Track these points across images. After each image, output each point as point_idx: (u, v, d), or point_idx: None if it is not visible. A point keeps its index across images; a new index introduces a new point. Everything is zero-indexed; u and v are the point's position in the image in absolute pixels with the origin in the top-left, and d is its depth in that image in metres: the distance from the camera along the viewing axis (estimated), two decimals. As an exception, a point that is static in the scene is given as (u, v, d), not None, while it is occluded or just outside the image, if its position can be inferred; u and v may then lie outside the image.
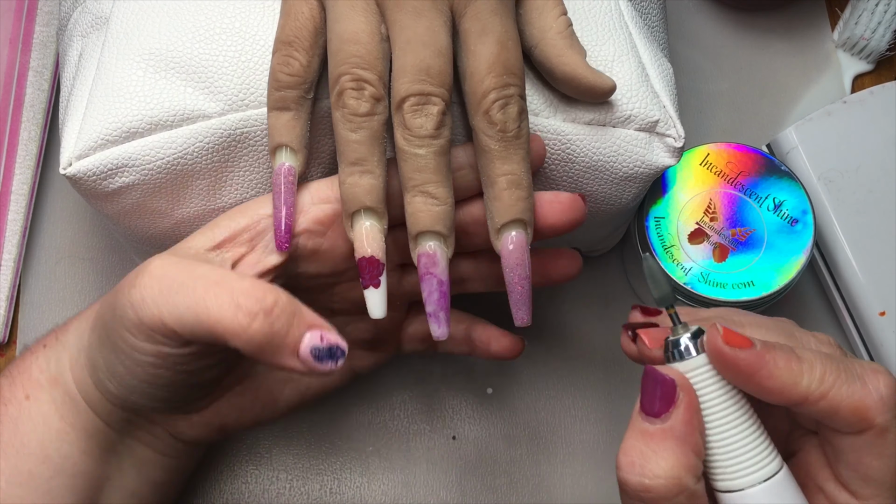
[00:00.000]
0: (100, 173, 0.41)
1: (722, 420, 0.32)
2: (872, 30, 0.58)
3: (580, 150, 0.43)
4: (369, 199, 0.38)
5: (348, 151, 0.38)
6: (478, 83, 0.38)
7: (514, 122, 0.38)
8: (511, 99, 0.38)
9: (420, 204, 0.38)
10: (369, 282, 0.38)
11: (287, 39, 0.39)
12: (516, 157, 0.39)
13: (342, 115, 0.38)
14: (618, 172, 0.44)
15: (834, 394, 0.32)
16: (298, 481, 0.53)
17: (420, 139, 0.38)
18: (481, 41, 0.38)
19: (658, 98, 0.44)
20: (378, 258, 0.38)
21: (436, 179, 0.38)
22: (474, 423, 0.54)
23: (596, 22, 0.44)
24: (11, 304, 0.55)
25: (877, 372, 0.33)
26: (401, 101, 0.38)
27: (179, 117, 0.41)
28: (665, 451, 0.32)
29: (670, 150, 0.44)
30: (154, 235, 0.45)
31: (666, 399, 0.32)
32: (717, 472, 0.33)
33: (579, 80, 0.41)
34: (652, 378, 0.33)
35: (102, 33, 0.43)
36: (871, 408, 0.32)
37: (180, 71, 0.41)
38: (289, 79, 0.39)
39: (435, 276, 0.39)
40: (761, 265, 0.48)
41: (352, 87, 0.38)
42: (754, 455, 0.32)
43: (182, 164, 0.41)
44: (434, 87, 0.38)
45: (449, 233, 0.39)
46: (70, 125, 0.42)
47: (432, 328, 0.39)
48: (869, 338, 0.53)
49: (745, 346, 0.32)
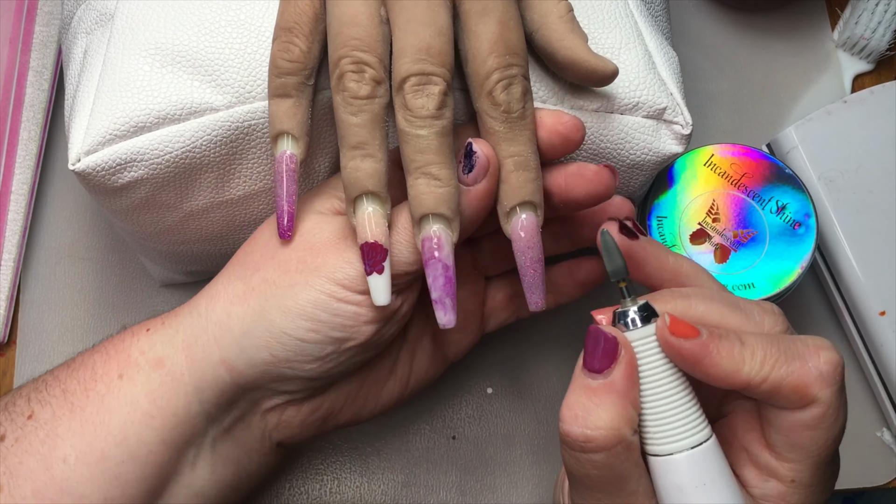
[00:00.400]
0: (108, 168, 0.41)
1: (658, 387, 0.34)
2: (872, 29, 0.58)
3: (588, 137, 0.43)
4: (371, 184, 0.38)
5: (349, 135, 0.38)
6: (480, 64, 0.38)
7: (518, 102, 0.38)
8: (514, 79, 0.38)
9: (423, 186, 0.37)
10: (372, 268, 0.38)
11: (287, 25, 0.39)
12: (522, 137, 0.38)
13: (342, 98, 0.37)
14: (625, 160, 0.44)
15: (774, 376, 0.33)
16: (298, 481, 0.53)
17: (422, 119, 0.37)
18: (482, 21, 0.38)
19: (665, 85, 0.44)
20: (381, 243, 0.38)
21: (438, 161, 0.37)
22: (474, 423, 0.54)
23: (602, 10, 0.44)
24: (11, 304, 0.54)
25: (819, 348, 0.34)
26: (402, 82, 0.37)
27: (187, 111, 0.41)
28: (606, 405, 0.33)
29: (678, 138, 0.44)
30: (162, 230, 0.45)
31: (608, 355, 0.34)
32: (648, 436, 0.34)
33: (581, 63, 0.40)
34: (595, 336, 0.34)
35: (108, 29, 0.43)
36: (811, 385, 0.33)
37: (187, 65, 0.41)
38: (289, 65, 0.39)
39: (440, 260, 0.38)
40: (762, 268, 0.48)
41: (352, 69, 0.37)
42: (685, 423, 0.34)
43: (190, 157, 0.41)
44: (435, 67, 0.37)
45: (453, 216, 0.38)
46: (77, 121, 0.42)
47: (438, 315, 0.38)
48: (869, 338, 0.53)
49: (691, 336, 0.33)
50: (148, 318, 0.50)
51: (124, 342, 0.41)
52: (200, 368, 0.40)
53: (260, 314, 0.39)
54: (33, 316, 0.55)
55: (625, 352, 0.34)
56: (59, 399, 0.40)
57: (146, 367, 0.40)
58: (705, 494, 0.34)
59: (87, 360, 0.41)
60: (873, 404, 0.55)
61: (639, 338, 0.35)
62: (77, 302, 0.55)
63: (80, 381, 0.40)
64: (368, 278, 0.38)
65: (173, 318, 0.42)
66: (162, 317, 0.42)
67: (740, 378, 0.33)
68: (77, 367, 0.41)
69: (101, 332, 0.54)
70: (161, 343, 0.41)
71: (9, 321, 0.54)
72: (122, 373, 0.40)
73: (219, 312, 0.40)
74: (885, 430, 0.54)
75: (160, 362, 0.40)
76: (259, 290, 0.40)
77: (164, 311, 0.54)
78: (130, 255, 0.56)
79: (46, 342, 0.54)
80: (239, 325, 0.40)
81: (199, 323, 0.41)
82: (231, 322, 0.40)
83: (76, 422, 0.39)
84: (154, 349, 0.41)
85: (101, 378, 0.40)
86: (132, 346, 0.41)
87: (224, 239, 0.47)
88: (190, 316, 0.41)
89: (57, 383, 0.41)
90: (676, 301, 0.36)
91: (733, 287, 0.48)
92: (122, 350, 0.41)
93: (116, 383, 0.40)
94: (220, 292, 0.41)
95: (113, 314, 0.55)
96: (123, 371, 0.40)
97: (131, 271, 0.56)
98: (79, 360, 0.42)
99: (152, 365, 0.40)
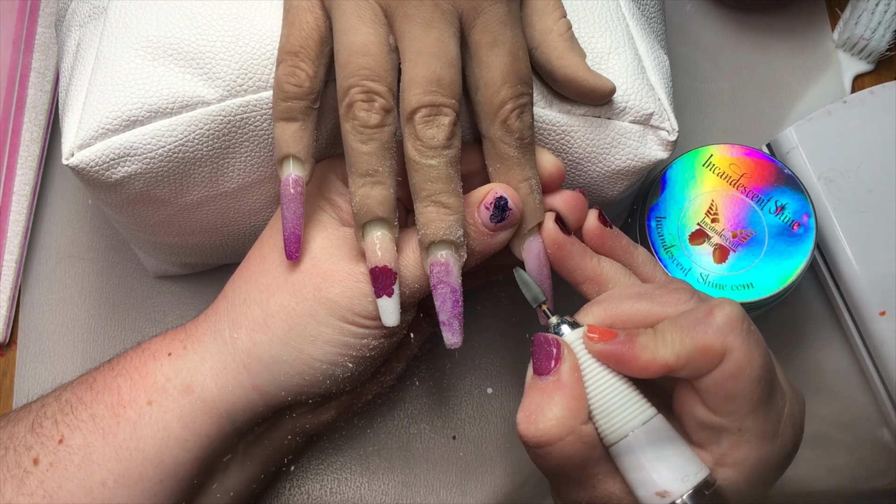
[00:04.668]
0: (102, 163, 0.41)
1: (597, 382, 0.37)
2: (872, 30, 0.58)
3: (574, 141, 0.43)
4: (381, 210, 0.39)
5: (359, 163, 0.38)
6: (494, 94, 0.39)
7: (529, 129, 0.40)
8: (525, 108, 0.39)
9: (433, 214, 0.39)
10: (383, 291, 0.39)
11: (292, 49, 0.39)
12: (532, 161, 0.40)
13: (352, 126, 0.38)
14: (610, 165, 0.44)
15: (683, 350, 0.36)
16: (298, 481, 0.53)
17: (432, 150, 0.38)
18: (493, 53, 0.39)
19: (653, 91, 0.44)
20: (391, 267, 0.39)
21: (448, 189, 0.39)
22: (474, 423, 0.54)
23: (593, 13, 0.44)
24: (13, 305, 0.55)
25: (713, 307, 0.36)
26: (412, 113, 0.38)
27: (179, 104, 0.41)
28: (555, 401, 0.37)
29: (663, 144, 0.44)
30: (157, 222, 0.45)
31: (553, 357, 0.38)
32: (602, 428, 0.37)
33: (580, 82, 0.41)
34: (540, 342, 0.38)
35: (101, 22, 0.44)
36: (715, 342, 0.36)
37: (178, 58, 0.41)
38: (295, 90, 0.39)
39: (448, 284, 0.39)
40: (761, 268, 0.48)
41: (362, 98, 0.38)
42: (628, 407, 0.37)
43: (183, 151, 0.41)
44: (445, 98, 0.38)
45: (461, 241, 0.39)
46: (70, 115, 0.42)
47: (446, 337, 0.40)
48: (869, 338, 0.53)
49: (610, 339, 0.37)
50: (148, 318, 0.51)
51: (146, 366, 0.42)
52: (233, 394, 0.41)
53: (286, 343, 0.41)
54: (34, 316, 0.55)
55: (567, 351, 0.38)
56: (89, 424, 0.41)
57: (175, 394, 0.41)
58: (663, 465, 0.36)
59: (112, 385, 0.42)
60: (873, 404, 0.55)
61: (571, 340, 0.38)
62: (77, 302, 0.55)
63: (107, 407, 0.41)
64: (378, 301, 0.39)
65: (196, 342, 0.42)
66: (181, 337, 0.43)
67: (658, 365, 0.36)
68: (101, 390, 0.42)
69: (101, 333, 0.55)
70: (187, 370, 0.42)
71: (10, 321, 0.54)
72: (150, 399, 0.41)
73: (245, 340, 0.41)
74: (886, 430, 0.54)
75: (189, 389, 0.41)
76: (279, 319, 0.41)
77: (164, 310, 0.55)
78: (130, 255, 0.56)
79: (47, 342, 0.55)
80: (267, 353, 0.41)
81: (227, 350, 0.42)
82: (259, 351, 0.41)
83: (110, 448, 0.41)
84: (180, 376, 0.42)
85: (130, 404, 0.41)
86: (157, 372, 0.42)
87: (219, 231, 0.47)
88: (215, 342, 0.42)
89: (83, 407, 0.42)
90: (593, 309, 0.39)
91: (732, 287, 0.48)
92: (147, 375, 0.42)
93: (146, 409, 0.41)
94: (240, 318, 0.42)
95: (113, 314, 0.55)
96: (152, 398, 0.41)
97: (131, 271, 0.56)
98: (101, 383, 0.42)
99: (181, 391, 0.41)
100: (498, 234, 0.40)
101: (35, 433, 0.41)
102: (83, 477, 0.40)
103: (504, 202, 0.39)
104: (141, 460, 0.41)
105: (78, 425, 0.41)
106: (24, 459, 0.41)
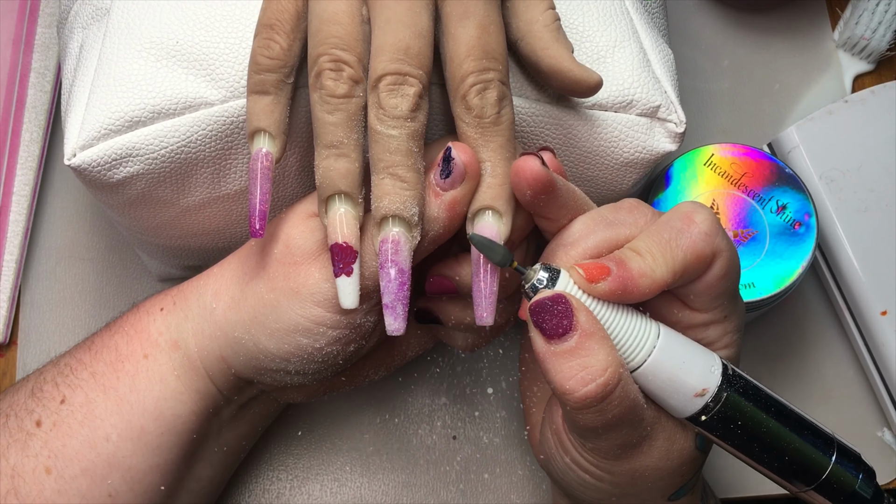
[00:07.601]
0: (104, 163, 0.41)
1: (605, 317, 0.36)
2: (873, 30, 0.58)
3: (581, 135, 0.43)
4: (344, 184, 0.37)
5: (324, 134, 0.37)
6: (456, 67, 0.38)
7: (492, 107, 0.38)
8: (490, 83, 0.37)
9: (388, 186, 0.37)
10: (342, 270, 0.37)
11: (268, 22, 0.38)
12: (493, 143, 0.38)
13: (319, 96, 0.37)
14: (619, 158, 0.44)
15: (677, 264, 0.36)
16: (298, 481, 0.53)
17: (394, 119, 0.37)
18: (462, 24, 0.38)
19: (659, 83, 0.44)
20: (352, 245, 0.37)
21: (406, 164, 0.37)
22: (474, 423, 0.54)
23: (598, 8, 0.44)
24: (12, 305, 0.55)
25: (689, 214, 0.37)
26: (377, 80, 0.37)
27: (182, 105, 0.41)
28: (594, 350, 0.35)
29: (671, 136, 0.44)
30: (159, 224, 0.45)
31: (566, 313, 0.35)
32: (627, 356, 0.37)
33: (565, 73, 0.40)
34: (542, 306, 0.35)
35: (103, 24, 0.44)
36: (705, 247, 0.36)
37: (181, 59, 0.41)
38: (269, 62, 0.38)
39: (396, 263, 0.37)
40: (762, 267, 0.48)
41: (330, 67, 0.37)
42: (640, 327, 0.37)
43: (186, 152, 0.41)
44: (412, 68, 0.37)
45: (415, 221, 0.37)
46: (73, 116, 0.42)
47: (387, 321, 0.37)
48: (870, 337, 0.53)
49: (605, 275, 0.36)
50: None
51: (141, 322, 0.43)
52: (208, 358, 0.42)
53: (248, 329, 0.41)
54: (34, 316, 0.55)
55: (574, 301, 0.36)
56: (90, 382, 0.42)
57: (167, 348, 0.42)
58: (689, 367, 0.37)
59: (109, 342, 0.43)
60: (874, 404, 0.55)
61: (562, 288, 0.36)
62: (77, 302, 0.55)
63: (107, 363, 0.42)
64: (337, 280, 0.38)
65: (183, 300, 0.43)
66: (172, 293, 0.44)
67: (658, 286, 0.36)
68: (99, 349, 0.43)
69: (101, 333, 0.55)
70: (174, 326, 0.42)
71: (10, 321, 0.54)
72: (146, 353, 0.42)
73: (219, 313, 0.42)
74: (886, 430, 0.54)
75: (176, 345, 0.42)
76: (249, 304, 0.41)
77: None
78: (131, 255, 0.56)
79: (47, 342, 0.55)
80: (232, 333, 0.41)
81: (204, 316, 0.42)
82: (227, 327, 0.41)
83: (111, 402, 0.41)
84: (169, 331, 0.42)
85: (128, 358, 0.42)
86: (150, 327, 0.43)
87: (221, 234, 0.47)
88: (197, 305, 0.43)
89: (83, 367, 0.42)
90: (569, 252, 0.38)
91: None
92: (142, 330, 0.43)
93: (143, 363, 0.42)
94: (223, 290, 0.42)
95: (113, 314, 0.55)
96: (147, 351, 0.42)
97: (131, 271, 0.56)
98: (99, 342, 0.43)
99: (171, 346, 0.42)
100: (446, 195, 0.38)
101: (35, 397, 0.42)
102: (87, 433, 0.41)
103: (448, 152, 0.37)
104: (141, 412, 0.41)
105: (79, 384, 0.42)
106: (26, 423, 0.41)
